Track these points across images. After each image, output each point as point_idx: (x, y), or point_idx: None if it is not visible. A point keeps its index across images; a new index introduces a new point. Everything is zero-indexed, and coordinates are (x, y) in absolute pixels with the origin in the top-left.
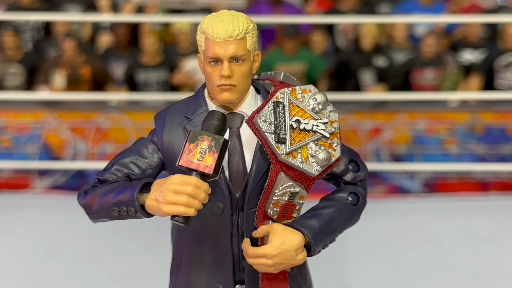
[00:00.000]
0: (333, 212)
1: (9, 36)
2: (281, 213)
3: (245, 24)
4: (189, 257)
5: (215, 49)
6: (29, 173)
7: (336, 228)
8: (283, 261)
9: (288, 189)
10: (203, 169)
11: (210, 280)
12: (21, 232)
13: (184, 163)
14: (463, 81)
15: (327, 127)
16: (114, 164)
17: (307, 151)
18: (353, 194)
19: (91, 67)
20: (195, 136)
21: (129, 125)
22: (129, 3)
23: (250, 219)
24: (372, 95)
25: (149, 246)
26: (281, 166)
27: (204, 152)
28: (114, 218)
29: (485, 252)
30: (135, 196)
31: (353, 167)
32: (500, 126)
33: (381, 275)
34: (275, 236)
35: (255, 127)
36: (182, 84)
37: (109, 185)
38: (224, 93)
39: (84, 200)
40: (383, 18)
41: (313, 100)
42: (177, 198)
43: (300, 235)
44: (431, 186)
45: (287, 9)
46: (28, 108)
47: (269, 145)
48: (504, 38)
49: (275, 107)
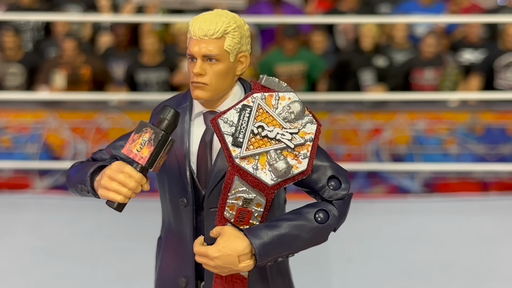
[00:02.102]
0: (292, 226)
1: (9, 36)
2: (237, 217)
3: (224, 24)
4: (164, 245)
5: (190, 46)
6: (29, 173)
7: (291, 243)
8: (225, 265)
9: (241, 194)
10: (138, 159)
11: (177, 272)
12: (21, 232)
13: (125, 151)
14: (463, 81)
15: (294, 138)
16: (109, 146)
17: (266, 158)
18: (323, 212)
19: (91, 67)
20: (140, 127)
21: (129, 125)
22: (129, 3)
23: (211, 218)
24: (372, 95)
25: (149, 246)
26: (238, 170)
27: (144, 144)
28: (80, 194)
29: (485, 252)
30: (87, 177)
31: (333, 184)
32: (500, 126)
33: (381, 275)
34: (221, 239)
35: (216, 126)
36: (182, 84)
37: (86, 163)
38: (196, 90)
39: (68, 171)
40: (383, 18)
41: (286, 108)
42: (109, 184)
43: (246, 242)
44: (431, 186)
45: (287, 9)
46: (29, 108)
47: (227, 147)
48: (504, 38)
49: (242, 110)
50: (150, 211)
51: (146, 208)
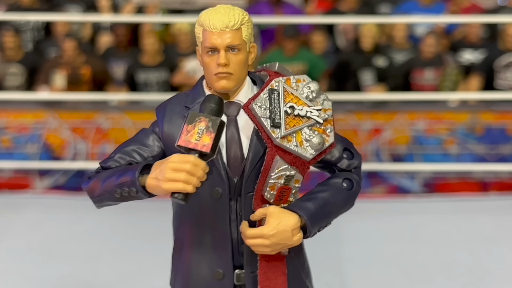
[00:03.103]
0: (328, 196)
1: (9, 36)
2: (277, 197)
3: (240, 15)
4: (190, 242)
5: (212, 39)
6: (30, 173)
7: (331, 211)
8: (280, 241)
9: (284, 172)
10: (201, 148)
11: (211, 265)
12: (21, 232)
13: (183, 143)
14: (463, 81)
15: (320, 114)
16: (117, 153)
17: (301, 135)
18: (348, 180)
19: (91, 67)
20: (193, 118)
21: (129, 125)
22: (129, 3)
23: (248, 203)
24: (372, 95)
25: (149, 246)
26: (277, 150)
27: (201, 132)
28: (117, 200)
29: (485, 252)
30: (136, 177)
31: (347, 155)
32: (500, 126)
33: (381, 275)
34: (271, 218)
35: (251, 112)
36: (182, 84)
37: (112, 170)
38: (221, 81)
39: (87, 185)
40: (383, 18)
41: (306, 88)
42: (176, 175)
43: (296, 216)
44: (431, 186)
45: (287, 9)
46: (29, 108)
47: (264, 130)
48: (504, 38)
49: (270, 94)
50: (150, 211)
51: (146, 208)
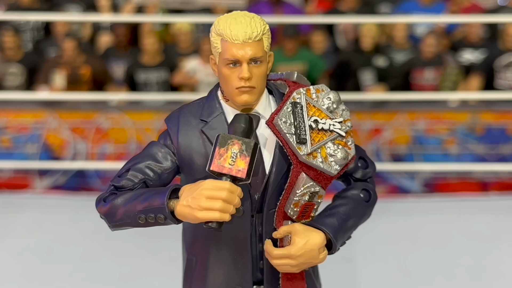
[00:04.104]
0: (349, 209)
1: (9, 36)
2: (300, 213)
3: (261, 25)
4: (204, 260)
5: (233, 51)
6: (29, 173)
7: (353, 225)
8: (307, 261)
9: (309, 189)
10: (236, 173)
11: (229, 282)
12: (21, 232)
13: (216, 168)
14: (463, 81)
15: (342, 126)
16: (129, 170)
17: (325, 150)
18: (365, 191)
19: (91, 67)
20: (224, 140)
21: (129, 125)
22: (129, 3)
23: (270, 220)
24: (372, 95)
25: (149, 246)
26: (302, 167)
27: (235, 156)
28: (139, 225)
29: (485, 252)
30: (165, 203)
31: (362, 164)
32: (500, 126)
33: (381, 275)
34: (298, 237)
35: (275, 128)
36: (182, 84)
37: (132, 192)
38: (243, 95)
39: (105, 208)
40: (383, 18)
41: (327, 100)
42: (212, 204)
43: (321, 234)
44: (431, 186)
45: (287, 9)
46: (28, 108)
47: (289, 146)
48: (504, 38)
49: (294, 107)
50: None
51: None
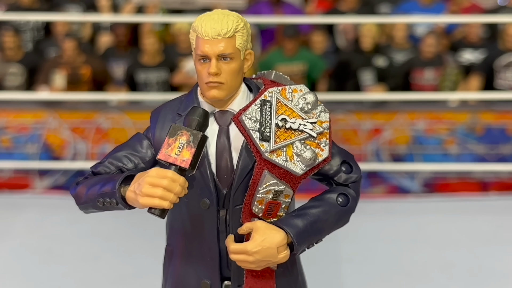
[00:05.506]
0: (320, 212)
1: (9, 36)
2: (266, 211)
3: (234, 23)
4: (179, 251)
5: (203, 47)
6: (29, 173)
7: (322, 228)
8: (264, 258)
9: (272, 187)
10: (180, 163)
11: (199, 275)
12: (21, 232)
13: (163, 157)
14: (463, 81)
15: (315, 127)
16: (108, 158)
17: (292, 150)
18: (343, 195)
19: (91, 67)
20: (174, 131)
21: (129, 125)
22: (129, 3)
23: (236, 216)
24: (372, 95)
25: (149, 246)
26: (266, 164)
27: (182, 147)
28: (100, 209)
29: (485, 252)
30: (116, 188)
31: (345, 169)
32: (500, 126)
33: (381, 275)
34: (257, 233)
35: (241, 124)
36: (182, 84)
37: (98, 177)
38: (211, 90)
39: (74, 191)
40: (383, 18)
41: (302, 100)
42: (153, 191)
43: (282, 233)
44: (431, 186)
45: (287, 9)
46: (28, 108)
47: (253, 143)
48: (504, 38)
49: (262, 105)
50: None
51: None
